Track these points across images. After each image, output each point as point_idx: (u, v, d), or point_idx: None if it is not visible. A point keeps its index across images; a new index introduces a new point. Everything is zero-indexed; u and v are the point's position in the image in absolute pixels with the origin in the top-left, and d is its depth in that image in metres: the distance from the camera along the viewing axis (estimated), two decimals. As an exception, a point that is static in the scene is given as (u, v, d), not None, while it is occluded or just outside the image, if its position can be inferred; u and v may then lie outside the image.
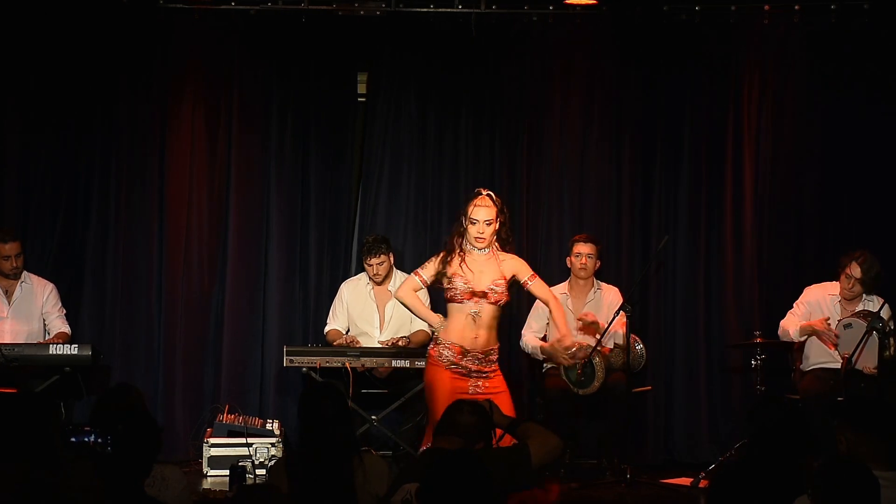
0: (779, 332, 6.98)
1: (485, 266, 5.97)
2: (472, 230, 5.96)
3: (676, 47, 7.66)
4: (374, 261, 7.10)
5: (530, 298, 6.83)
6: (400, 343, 6.90)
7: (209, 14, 7.53)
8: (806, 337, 6.86)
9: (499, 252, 6.02)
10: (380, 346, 7.04)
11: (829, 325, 6.75)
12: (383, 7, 7.50)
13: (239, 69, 7.65)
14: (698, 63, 7.70)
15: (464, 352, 5.89)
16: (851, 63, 7.57)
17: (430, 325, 6.26)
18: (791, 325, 6.90)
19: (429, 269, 6.06)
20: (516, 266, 6.06)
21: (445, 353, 5.91)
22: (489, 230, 5.95)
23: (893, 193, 7.60)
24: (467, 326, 5.92)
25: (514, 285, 6.13)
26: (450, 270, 5.96)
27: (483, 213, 5.97)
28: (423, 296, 6.56)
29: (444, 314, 6.03)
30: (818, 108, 7.65)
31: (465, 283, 5.91)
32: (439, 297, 6.30)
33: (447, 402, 5.77)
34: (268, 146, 7.66)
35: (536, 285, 6.09)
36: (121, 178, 7.56)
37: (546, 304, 6.21)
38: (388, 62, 7.73)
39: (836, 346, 6.66)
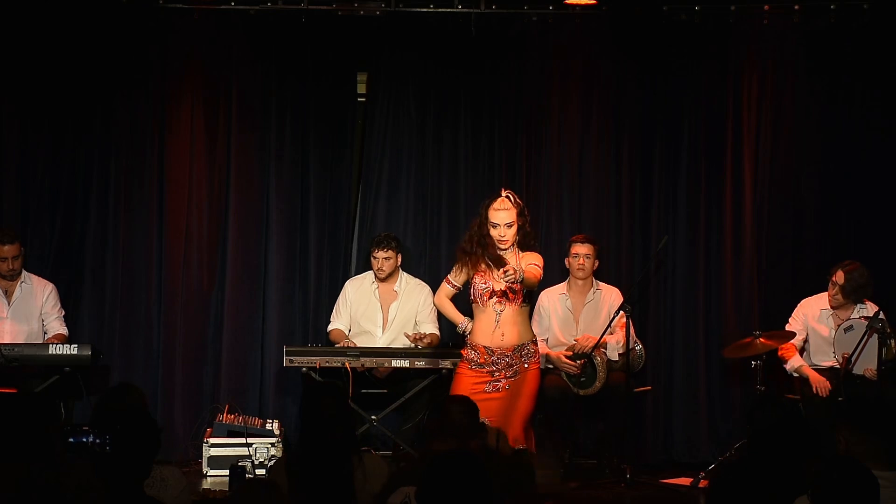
0: (779, 353, 6.99)
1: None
2: (494, 233, 5.95)
3: (676, 47, 7.66)
4: (380, 253, 7.10)
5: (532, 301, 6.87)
6: (426, 340, 6.84)
7: (209, 14, 7.53)
8: (797, 375, 6.91)
9: (517, 250, 6.03)
10: (380, 346, 7.05)
11: (826, 387, 6.76)
12: (383, 7, 7.50)
13: (239, 69, 7.65)
14: (698, 63, 7.70)
15: (489, 352, 5.90)
16: (851, 63, 7.57)
17: (457, 327, 6.28)
18: (793, 359, 6.92)
19: (456, 273, 6.08)
20: (534, 259, 6.08)
21: (472, 354, 5.94)
22: (510, 232, 5.96)
23: (892, 193, 7.60)
24: (491, 326, 5.93)
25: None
26: (473, 272, 5.97)
27: (503, 216, 5.98)
28: (427, 301, 6.70)
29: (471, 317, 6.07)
30: (817, 107, 7.65)
31: (485, 284, 5.92)
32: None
33: None
34: (268, 146, 7.66)
35: (528, 269, 6.03)
36: (120, 178, 7.56)
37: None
38: (388, 62, 7.73)
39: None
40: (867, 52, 7.51)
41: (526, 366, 5.94)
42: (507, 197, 6.00)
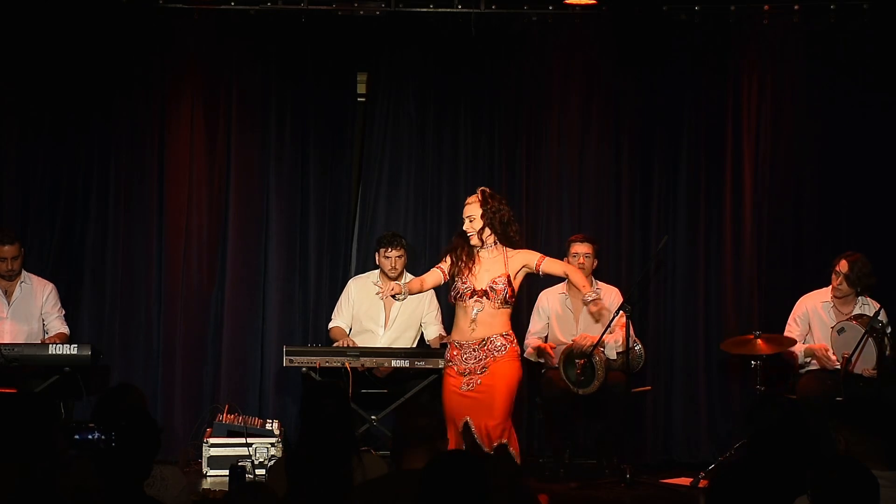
0: (783, 353, 6.98)
1: (490, 265, 5.96)
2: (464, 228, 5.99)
3: (676, 47, 7.66)
4: (392, 252, 7.08)
5: (532, 302, 6.86)
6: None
7: (209, 14, 7.53)
8: (810, 358, 6.89)
9: (507, 249, 6.00)
10: (381, 345, 7.05)
11: (827, 352, 6.75)
12: (383, 7, 7.51)
13: (239, 69, 7.65)
14: (698, 63, 7.70)
15: (459, 346, 5.89)
16: (850, 63, 7.57)
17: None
18: (795, 348, 6.92)
19: (446, 264, 6.05)
20: (524, 257, 6.02)
21: (448, 353, 5.94)
22: (473, 226, 5.94)
23: (891, 193, 7.60)
24: (465, 323, 5.92)
25: (530, 276, 6.10)
26: (456, 270, 5.97)
27: (467, 209, 5.98)
28: (433, 304, 6.70)
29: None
30: (817, 108, 7.65)
31: (465, 284, 5.91)
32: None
33: (448, 401, 5.80)
34: (267, 146, 7.66)
35: (547, 264, 6.01)
36: (120, 178, 7.57)
37: (565, 276, 6.16)
38: (388, 62, 7.73)
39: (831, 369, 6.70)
40: (867, 52, 7.51)
41: (493, 359, 5.88)
42: (478, 192, 6.00)
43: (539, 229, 7.70)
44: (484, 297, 5.89)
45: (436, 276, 6.08)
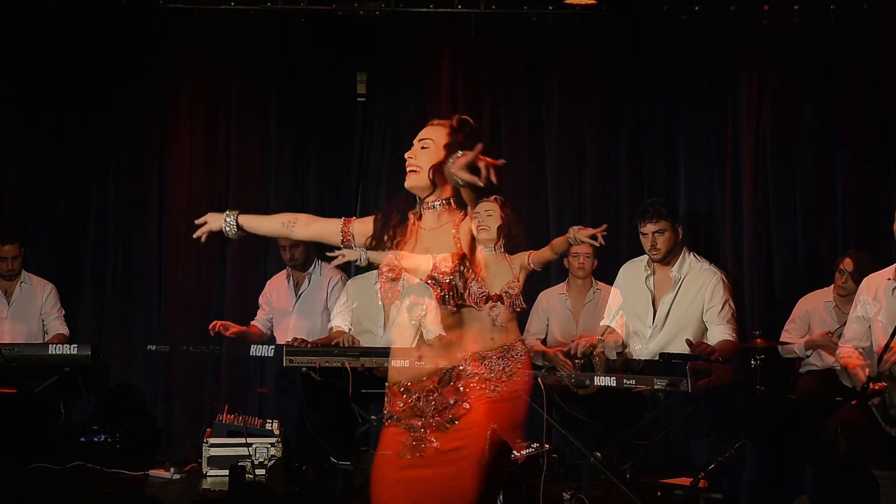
0: (781, 351, 6.96)
1: (497, 269, 5.95)
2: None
3: (676, 47, 7.66)
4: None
5: (531, 302, 6.85)
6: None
7: (209, 14, 7.54)
8: (811, 351, 6.87)
9: (507, 255, 6.00)
10: (381, 345, 7.05)
11: (830, 335, 6.74)
12: (383, 7, 7.52)
13: (239, 69, 7.66)
14: (698, 63, 7.70)
15: (480, 357, 5.85)
16: (851, 64, 7.57)
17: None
18: (795, 344, 6.90)
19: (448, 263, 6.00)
20: (520, 259, 6.03)
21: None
22: (491, 220, 5.92)
23: (892, 193, 7.60)
24: (483, 331, 5.89)
25: (531, 275, 6.09)
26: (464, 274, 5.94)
27: (483, 206, 5.97)
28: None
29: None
30: (817, 107, 7.65)
31: (481, 289, 5.89)
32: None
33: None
34: (268, 146, 7.67)
35: (535, 255, 5.96)
36: (120, 178, 7.59)
37: (552, 250, 6.07)
38: (388, 62, 7.74)
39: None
40: (867, 52, 7.51)
41: (519, 366, 5.87)
42: (495, 200, 5.98)
43: (539, 229, 7.69)
44: (499, 303, 5.88)
45: (426, 260, 6.05)
